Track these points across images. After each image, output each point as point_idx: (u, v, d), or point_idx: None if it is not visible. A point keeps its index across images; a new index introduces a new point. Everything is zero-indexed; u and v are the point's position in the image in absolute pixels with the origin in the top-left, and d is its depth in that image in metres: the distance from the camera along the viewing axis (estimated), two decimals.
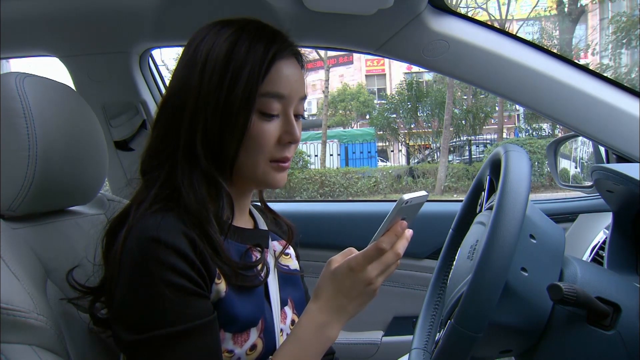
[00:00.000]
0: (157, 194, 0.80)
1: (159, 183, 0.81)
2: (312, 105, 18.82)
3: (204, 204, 0.79)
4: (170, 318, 0.72)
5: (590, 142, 1.49)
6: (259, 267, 0.85)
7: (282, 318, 0.90)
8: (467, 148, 14.29)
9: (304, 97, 0.87)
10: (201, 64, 0.80)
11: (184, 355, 0.72)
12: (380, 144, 16.65)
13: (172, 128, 0.82)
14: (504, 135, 15.39)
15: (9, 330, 0.72)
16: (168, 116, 0.83)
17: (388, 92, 18.74)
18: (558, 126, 12.30)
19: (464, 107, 14.57)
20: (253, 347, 0.82)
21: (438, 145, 13.98)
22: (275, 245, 0.97)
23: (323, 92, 14.71)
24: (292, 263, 0.99)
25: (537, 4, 15.69)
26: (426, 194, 0.77)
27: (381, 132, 16.10)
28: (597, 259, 1.19)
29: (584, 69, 1.20)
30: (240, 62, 0.80)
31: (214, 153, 0.81)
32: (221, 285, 0.79)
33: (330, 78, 14.58)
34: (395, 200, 0.76)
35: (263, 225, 0.97)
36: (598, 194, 1.33)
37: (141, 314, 0.73)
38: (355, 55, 18.10)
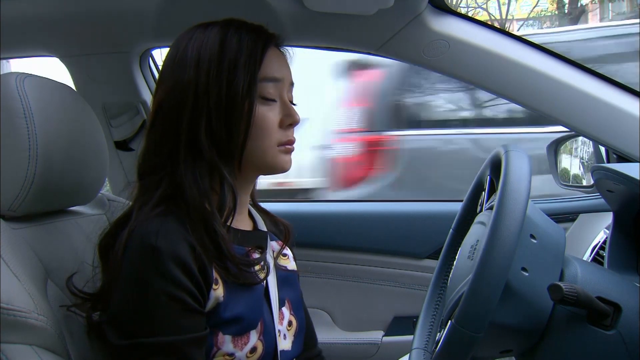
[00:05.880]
0: (160, 195, 0.80)
1: (163, 183, 0.81)
2: None
3: (207, 196, 0.80)
4: (162, 327, 0.73)
5: (591, 142, 1.48)
6: (261, 264, 0.85)
7: (280, 319, 0.90)
8: None
9: (293, 84, 0.90)
10: (195, 61, 0.82)
11: None
12: None
13: (171, 127, 0.82)
14: None
15: (9, 330, 0.72)
16: (165, 117, 0.83)
17: None
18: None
19: None
20: (253, 349, 0.82)
21: None
22: (274, 245, 0.97)
23: None
24: (290, 264, 0.99)
25: (537, 4, 15.67)
26: None
27: None
28: (597, 259, 1.19)
29: (584, 68, 1.20)
30: (234, 52, 0.81)
31: (220, 145, 0.82)
32: (219, 291, 0.79)
33: None
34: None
35: (262, 226, 0.97)
36: (598, 194, 1.33)
37: (134, 319, 0.73)
38: None
